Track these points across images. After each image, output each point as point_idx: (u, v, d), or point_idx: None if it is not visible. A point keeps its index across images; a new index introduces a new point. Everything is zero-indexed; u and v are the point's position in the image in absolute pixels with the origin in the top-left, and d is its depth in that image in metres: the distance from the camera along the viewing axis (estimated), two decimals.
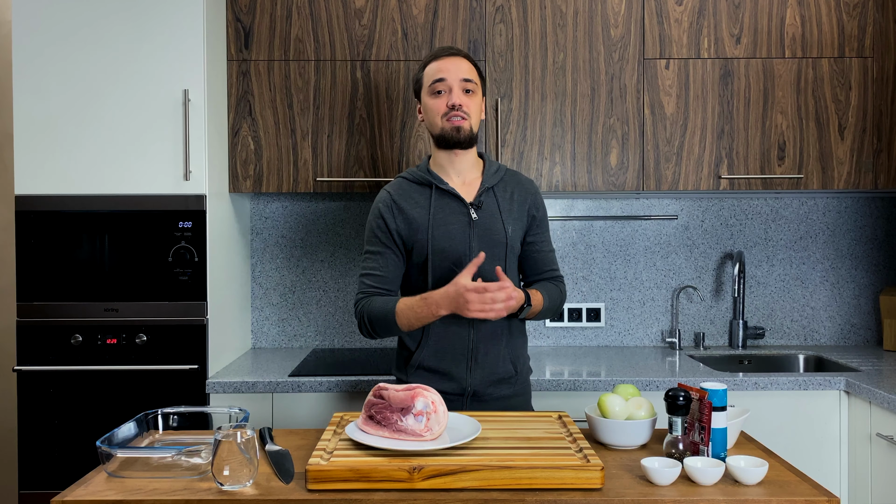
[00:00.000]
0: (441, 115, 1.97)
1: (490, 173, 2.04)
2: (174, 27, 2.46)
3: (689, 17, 2.75)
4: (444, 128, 1.97)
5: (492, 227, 1.99)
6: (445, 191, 2.00)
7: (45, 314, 2.46)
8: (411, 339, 2.01)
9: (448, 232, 1.97)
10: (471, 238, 1.97)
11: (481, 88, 2.04)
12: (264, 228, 3.07)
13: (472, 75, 2.00)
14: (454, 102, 1.96)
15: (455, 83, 1.97)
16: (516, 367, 2.02)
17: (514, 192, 2.05)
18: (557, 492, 1.43)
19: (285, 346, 3.08)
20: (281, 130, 2.74)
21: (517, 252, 2.05)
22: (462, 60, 2.01)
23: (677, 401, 1.58)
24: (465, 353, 1.97)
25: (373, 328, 1.97)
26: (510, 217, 2.01)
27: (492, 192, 2.02)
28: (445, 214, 1.98)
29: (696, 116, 2.75)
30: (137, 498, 1.42)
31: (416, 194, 2.02)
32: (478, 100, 2.02)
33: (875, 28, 2.76)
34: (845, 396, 2.47)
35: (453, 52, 2.02)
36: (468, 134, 1.98)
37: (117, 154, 2.47)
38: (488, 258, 1.95)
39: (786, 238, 3.09)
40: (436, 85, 1.98)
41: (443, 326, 1.96)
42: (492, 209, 2.00)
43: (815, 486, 1.47)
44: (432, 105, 1.99)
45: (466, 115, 1.97)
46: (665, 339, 3.09)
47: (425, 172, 2.02)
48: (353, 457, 1.51)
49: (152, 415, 1.79)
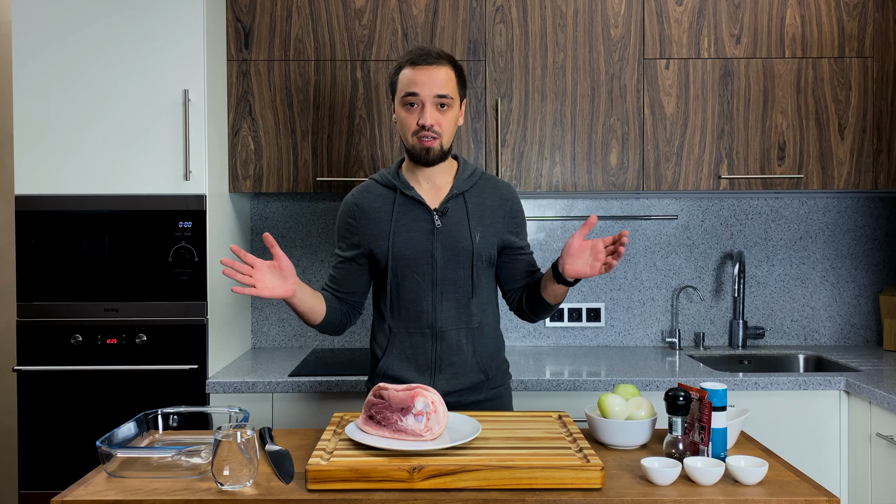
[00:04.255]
0: (411, 132, 1.89)
1: (462, 178, 1.95)
2: (174, 27, 2.46)
3: (689, 17, 2.75)
4: (414, 146, 1.89)
5: (457, 234, 1.91)
6: (411, 196, 1.93)
7: (45, 314, 2.46)
8: (378, 347, 1.99)
9: (410, 238, 1.91)
10: (433, 245, 1.91)
11: (459, 95, 1.93)
12: (264, 228, 3.07)
13: (447, 89, 1.87)
14: (425, 123, 1.86)
15: (428, 99, 1.86)
16: (487, 374, 1.97)
17: (488, 198, 1.97)
18: (557, 492, 1.43)
19: (285, 346, 3.08)
20: (281, 130, 2.74)
21: (488, 259, 1.96)
22: (438, 70, 1.87)
23: (677, 401, 1.58)
24: (428, 363, 1.93)
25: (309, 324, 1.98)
26: (479, 224, 1.93)
27: (461, 199, 1.94)
28: (409, 221, 1.92)
29: (696, 116, 2.75)
30: (137, 498, 1.42)
31: (381, 198, 1.96)
32: (452, 113, 1.90)
33: (875, 28, 2.76)
34: (845, 396, 2.47)
35: (430, 60, 1.87)
36: (438, 153, 1.89)
37: (117, 154, 2.47)
38: (454, 266, 1.91)
39: (786, 238, 3.09)
40: (408, 98, 1.87)
41: (407, 336, 1.94)
42: (458, 216, 1.93)
43: (815, 486, 1.47)
44: (404, 118, 1.90)
45: (438, 135, 1.87)
46: (665, 339, 3.09)
47: (394, 176, 1.96)
48: (353, 457, 1.51)
49: (152, 415, 1.79)
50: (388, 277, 1.93)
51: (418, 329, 1.93)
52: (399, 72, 1.91)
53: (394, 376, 1.94)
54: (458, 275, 1.92)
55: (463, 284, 1.93)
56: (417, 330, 1.93)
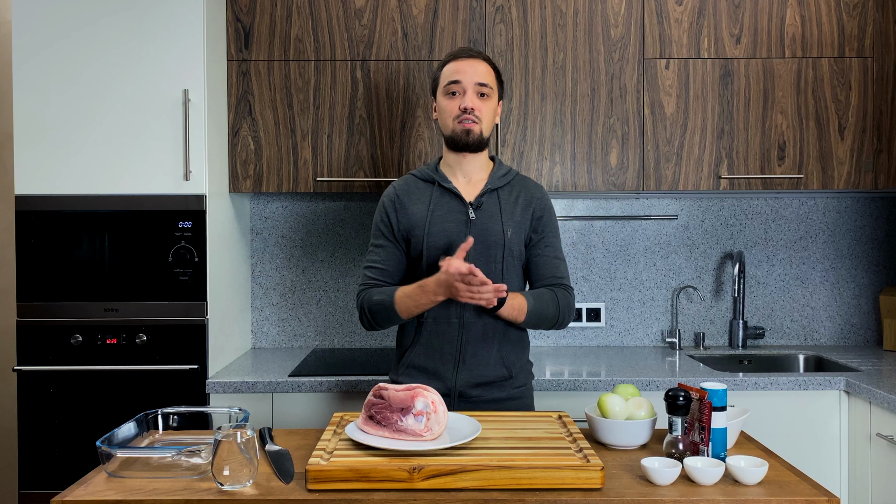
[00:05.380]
0: (453, 117, 2.00)
1: (496, 176, 2.05)
2: (174, 27, 2.46)
3: (689, 17, 2.75)
4: (455, 129, 2.00)
5: (490, 227, 1.99)
6: (447, 189, 2.03)
7: (45, 314, 2.46)
8: (405, 337, 2.05)
9: (444, 229, 1.99)
10: (467, 237, 1.96)
11: (498, 93, 2.06)
12: (264, 228, 3.07)
13: (488, 79, 2.01)
14: (466, 105, 1.98)
15: (469, 86, 1.99)
16: (511, 371, 2.01)
17: (520, 195, 2.05)
18: (557, 492, 1.43)
19: (285, 346, 3.08)
20: (281, 130, 2.74)
21: (517, 255, 2.03)
22: (480, 63, 2.02)
23: (677, 401, 1.58)
24: (453, 353, 1.98)
25: (373, 318, 2.01)
26: (511, 220, 2.01)
27: (495, 194, 2.03)
28: (444, 212, 2.01)
29: (696, 116, 2.75)
30: (137, 498, 1.42)
31: (419, 191, 2.05)
32: (492, 104, 2.03)
33: (875, 28, 2.76)
34: (845, 396, 2.47)
35: (472, 53, 2.03)
36: (477, 137, 2.00)
37: (117, 154, 2.47)
38: (484, 259, 1.97)
39: (786, 238, 3.09)
40: (451, 86, 2.00)
41: (435, 326, 1.99)
42: (492, 210, 2.01)
43: (815, 486, 1.47)
44: (445, 106, 2.02)
45: (478, 119, 1.99)
46: (665, 339, 3.09)
47: (433, 171, 2.06)
48: (353, 457, 1.51)
49: (152, 415, 1.79)
50: (423, 266, 2.00)
51: (446, 318, 1.98)
52: (442, 68, 2.05)
53: (419, 367, 2.01)
54: (489, 268, 1.98)
55: (492, 277, 1.98)
56: (445, 319, 1.98)
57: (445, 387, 1.98)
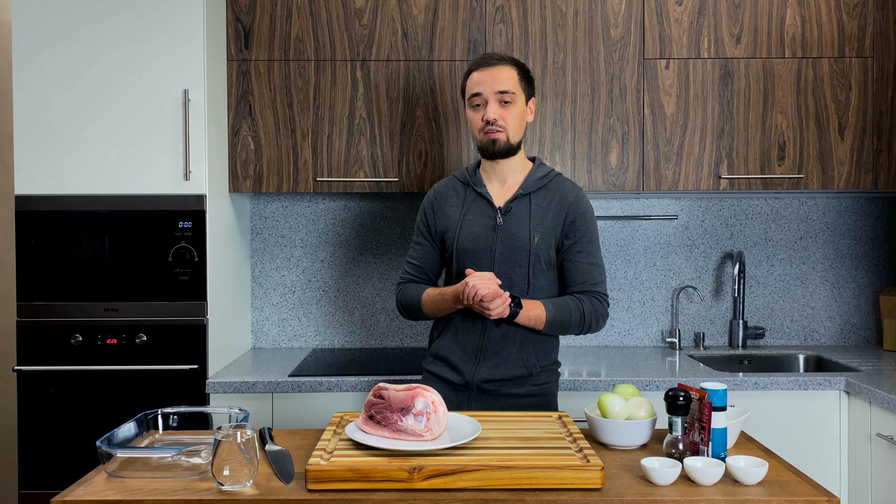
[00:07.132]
0: (478, 128, 2.06)
1: (532, 179, 2.08)
2: (174, 27, 2.46)
3: (689, 17, 2.75)
4: (482, 140, 2.06)
5: (517, 233, 2.03)
6: (480, 194, 2.09)
7: (45, 314, 2.46)
8: (436, 329, 2.15)
9: (473, 232, 2.06)
10: (494, 241, 2.04)
11: (525, 93, 2.08)
12: (264, 228, 3.07)
13: (509, 85, 2.03)
14: (488, 117, 2.02)
15: (490, 96, 2.03)
16: (531, 370, 2.04)
17: (553, 199, 2.07)
18: (557, 492, 1.43)
19: (285, 346, 3.08)
20: (281, 130, 2.74)
21: (546, 261, 2.04)
22: (500, 70, 2.04)
23: (677, 401, 1.58)
24: (475, 350, 2.05)
25: (406, 312, 2.16)
26: (540, 225, 2.04)
27: (527, 199, 2.07)
28: (475, 216, 2.08)
29: (696, 116, 2.75)
30: (137, 498, 1.42)
31: (456, 194, 2.14)
32: (516, 109, 2.05)
33: (875, 28, 2.76)
34: (845, 396, 2.47)
35: (492, 62, 2.05)
36: (505, 145, 2.04)
37: (117, 154, 2.47)
38: (511, 264, 2.02)
39: (786, 238, 3.09)
40: (473, 99, 2.06)
41: (461, 323, 2.07)
42: (521, 216, 2.05)
43: (815, 486, 1.47)
44: (471, 118, 2.09)
45: (502, 128, 2.03)
46: (665, 339, 3.09)
47: (471, 174, 2.13)
48: (353, 457, 1.51)
49: (152, 415, 1.79)
50: (453, 266, 2.10)
51: (471, 316, 2.04)
52: (467, 78, 2.10)
53: (444, 357, 2.09)
54: (515, 272, 2.03)
55: (518, 282, 2.03)
56: (471, 317, 2.05)
57: (464, 379, 2.05)
